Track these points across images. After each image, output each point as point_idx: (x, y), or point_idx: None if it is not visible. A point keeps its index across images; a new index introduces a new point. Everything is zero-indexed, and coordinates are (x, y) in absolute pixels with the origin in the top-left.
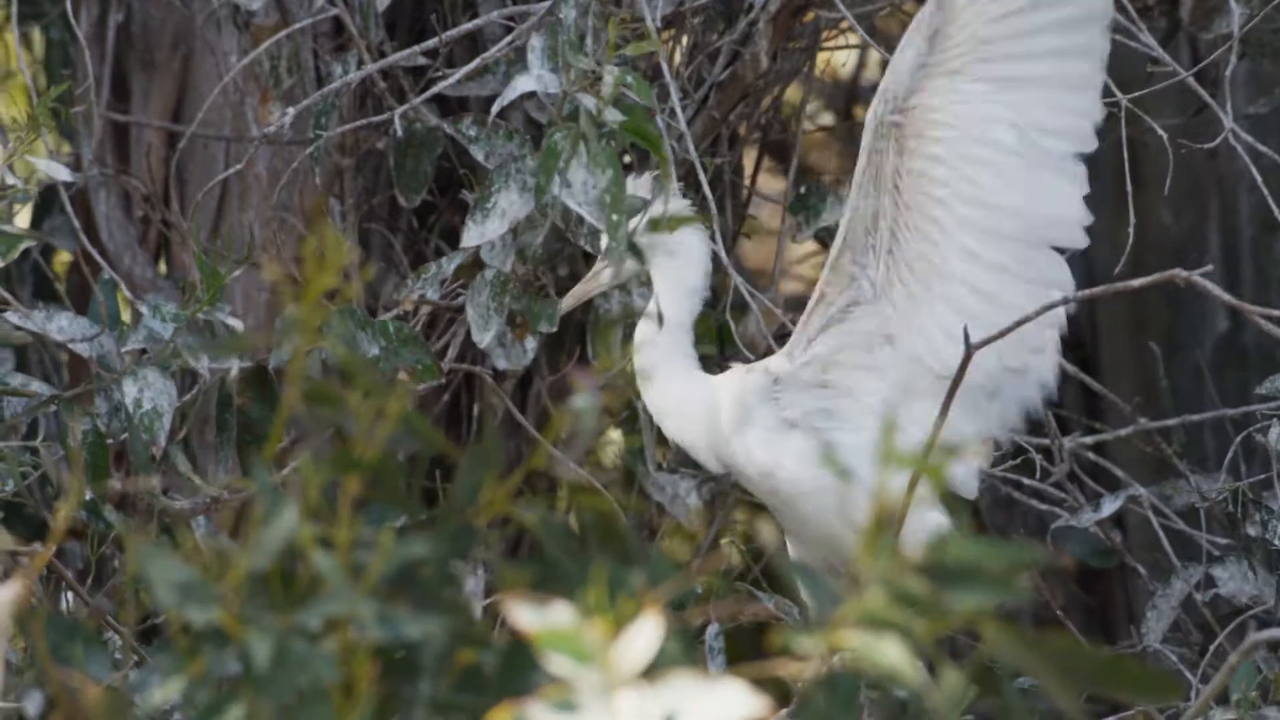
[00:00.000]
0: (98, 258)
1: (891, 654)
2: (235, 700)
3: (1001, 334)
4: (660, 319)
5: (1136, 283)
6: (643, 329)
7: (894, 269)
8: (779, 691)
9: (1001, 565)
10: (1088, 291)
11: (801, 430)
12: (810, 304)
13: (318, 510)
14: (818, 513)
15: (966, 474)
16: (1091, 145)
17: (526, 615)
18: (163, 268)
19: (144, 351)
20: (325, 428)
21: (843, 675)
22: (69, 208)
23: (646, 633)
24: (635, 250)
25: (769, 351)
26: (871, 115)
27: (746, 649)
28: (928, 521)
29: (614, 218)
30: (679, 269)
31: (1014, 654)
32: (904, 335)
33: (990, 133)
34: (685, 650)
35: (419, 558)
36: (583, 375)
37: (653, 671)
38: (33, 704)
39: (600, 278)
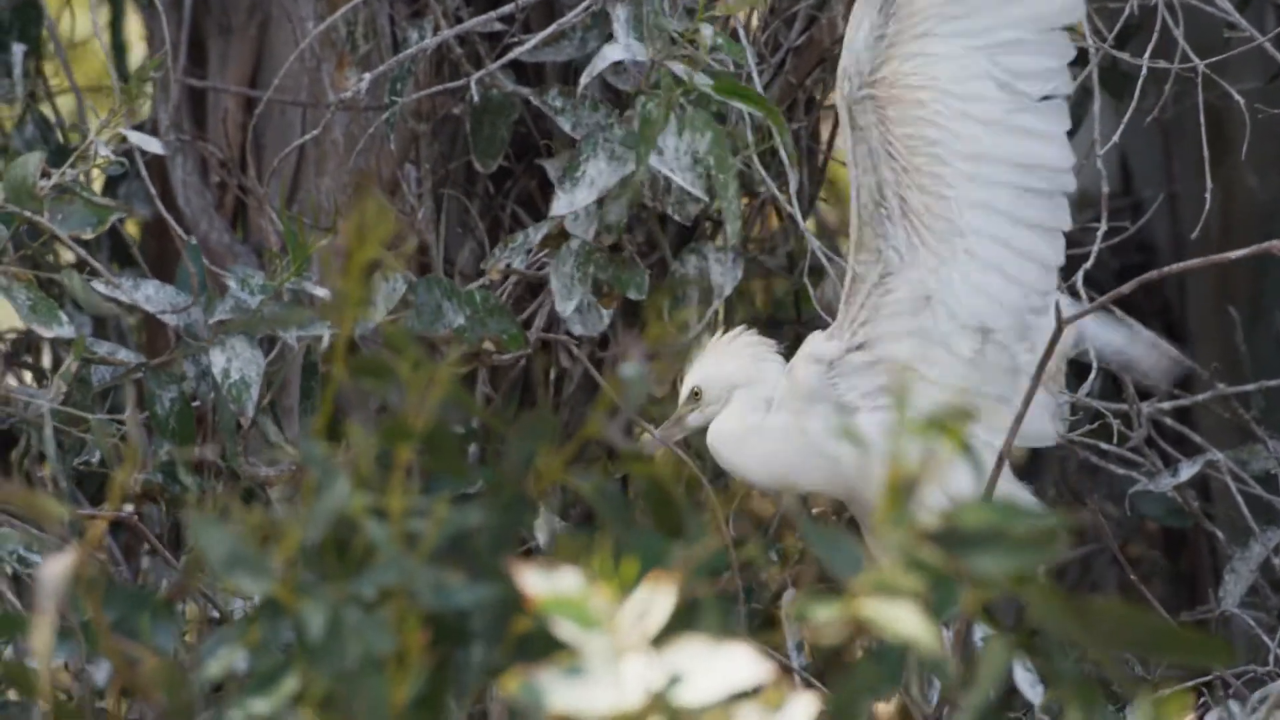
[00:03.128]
0: (173, 224)
1: (908, 623)
2: (290, 670)
3: (1093, 308)
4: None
5: (1235, 254)
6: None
7: (913, 232)
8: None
9: (1024, 530)
10: (1184, 264)
11: (864, 411)
12: (846, 286)
13: (371, 480)
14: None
15: (1042, 424)
16: (1068, 87)
17: (534, 581)
18: (239, 233)
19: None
20: (373, 399)
21: (889, 645)
22: (144, 173)
23: (655, 599)
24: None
25: None
26: (840, 96)
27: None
28: (953, 486)
29: (721, 178)
30: (756, 392)
31: (1058, 620)
32: (939, 293)
33: (968, 87)
34: (716, 618)
35: (472, 526)
36: (633, 342)
37: (666, 637)
38: (101, 673)
39: (686, 422)
